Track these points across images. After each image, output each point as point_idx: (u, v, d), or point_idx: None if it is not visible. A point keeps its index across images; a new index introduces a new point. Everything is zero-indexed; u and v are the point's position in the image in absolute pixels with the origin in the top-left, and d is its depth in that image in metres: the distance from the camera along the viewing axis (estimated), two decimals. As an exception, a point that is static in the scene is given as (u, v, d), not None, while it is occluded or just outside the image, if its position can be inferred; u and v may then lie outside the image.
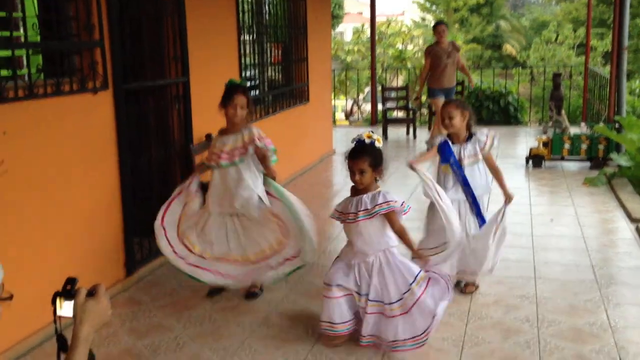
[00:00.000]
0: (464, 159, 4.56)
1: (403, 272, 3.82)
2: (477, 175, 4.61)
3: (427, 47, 10.49)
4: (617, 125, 8.93)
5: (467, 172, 4.55)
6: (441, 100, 9.52)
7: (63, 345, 1.84)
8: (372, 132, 3.84)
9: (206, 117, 4.59)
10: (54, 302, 1.86)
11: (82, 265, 4.47)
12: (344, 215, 3.90)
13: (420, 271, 3.85)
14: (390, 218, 3.82)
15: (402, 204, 3.80)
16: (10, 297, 1.76)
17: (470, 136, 4.62)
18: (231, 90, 4.58)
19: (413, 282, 3.78)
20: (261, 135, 4.57)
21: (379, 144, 3.82)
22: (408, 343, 3.76)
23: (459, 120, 4.55)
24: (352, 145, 3.85)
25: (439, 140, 4.65)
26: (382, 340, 3.84)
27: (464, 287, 4.75)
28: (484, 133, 4.63)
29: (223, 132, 4.68)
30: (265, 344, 4.05)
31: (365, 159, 3.77)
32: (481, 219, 4.66)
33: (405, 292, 3.77)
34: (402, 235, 3.88)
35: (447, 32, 10.33)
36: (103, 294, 1.89)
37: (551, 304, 4.55)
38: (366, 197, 3.80)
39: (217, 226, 4.66)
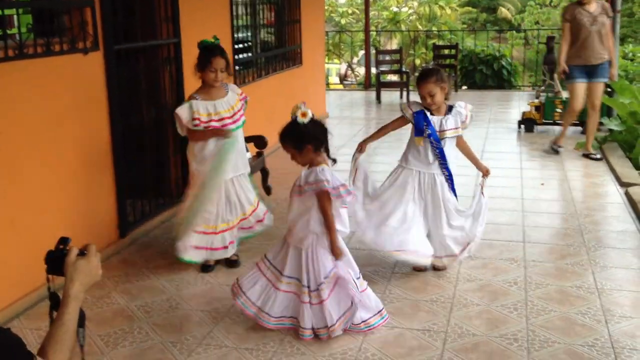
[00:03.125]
0: (446, 130, 4.30)
1: (319, 266, 3.60)
2: (453, 149, 4.40)
3: (565, 6, 7.96)
4: (609, 90, 8.93)
5: (446, 146, 4.33)
6: (581, 84, 7.54)
7: (55, 303, 1.87)
8: (300, 106, 3.53)
9: (198, 78, 4.54)
10: (46, 261, 1.89)
11: (75, 228, 4.49)
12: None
13: (331, 271, 3.59)
14: (319, 198, 3.54)
15: (338, 187, 3.51)
16: None
17: (450, 108, 4.38)
18: (209, 53, 4.37)
19: (322, 282, 3.59)
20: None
21: (302, 119, 3.51)
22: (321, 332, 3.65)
23: (440, 96, 4.28)
24: None
25: (415, 108, 4.36)
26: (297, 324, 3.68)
27: (433, 267, 4.54)
28: (462, 106, 4.40)
29: (205, 98, 4.44)
30: (256, 305, 4.09)
31: (286, 145, 3.60)
32: (454, 194, 4.43)
33: (318, 287, 3.60)
34: (325, 218, 3.55)
35: None
36: (94, 253, 1.91)
37: (539, 267, 4.61)
38: (304, 173, 3.60)
39: (225, 193, 4.55)
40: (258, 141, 5.95)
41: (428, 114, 4.33)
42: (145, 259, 4.87)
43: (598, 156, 7.64)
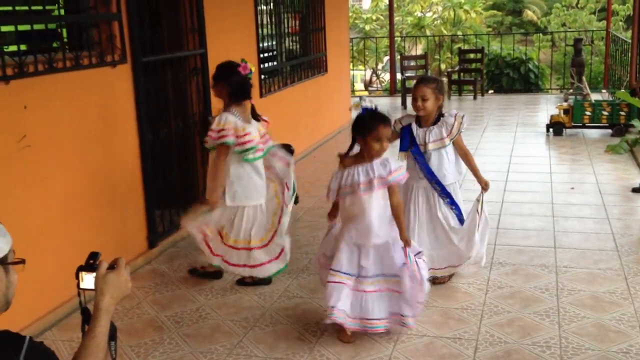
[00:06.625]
0: (428, 143, 4.15)
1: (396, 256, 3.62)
2: (445, 161, 4.19)
3: None
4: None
5: (433, 158, 4.17)
6: None
7: (87, 318, 1.89)
8: (361, 98, 3.67)
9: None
10: (77, 276, 1.91)
11: (105, 239, 4.54)
12: (353, 187, 3.56)
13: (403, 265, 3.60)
14: (394, 189, 3.57)
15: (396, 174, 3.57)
16: (23, 262, 1.80)
17: (438, 118, 4.21)
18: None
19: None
20: None
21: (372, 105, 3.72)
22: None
23: (431, 104, 4.12)
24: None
25: (405, 122, 4.26)
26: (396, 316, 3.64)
27: (434, 279, 4.27)
28: (452, 115, 4.20)
29: (243, 120, 4.38)
30: (286, 314, 4.10)
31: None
32: (457, 208, 4.26)
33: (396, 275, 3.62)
34: (399, 210, 3.60)
35: None
36: (123, 267, 1.93)
37: (571, 272, 4.54)
38: (377, 165, 3.54)
39: (252, 215, 4.50)
40: (284, 149, 5.94)
41: (415, 128, 4.22)
42: (174, 269, 4.90)
43: None
